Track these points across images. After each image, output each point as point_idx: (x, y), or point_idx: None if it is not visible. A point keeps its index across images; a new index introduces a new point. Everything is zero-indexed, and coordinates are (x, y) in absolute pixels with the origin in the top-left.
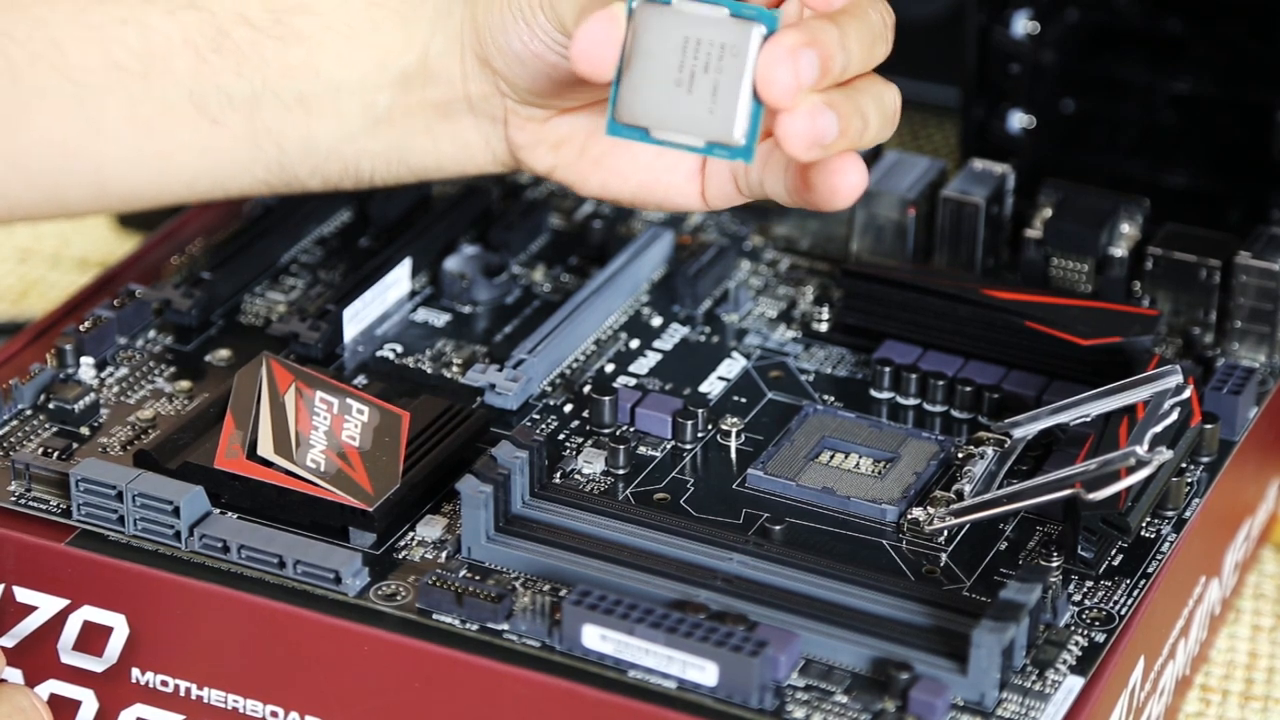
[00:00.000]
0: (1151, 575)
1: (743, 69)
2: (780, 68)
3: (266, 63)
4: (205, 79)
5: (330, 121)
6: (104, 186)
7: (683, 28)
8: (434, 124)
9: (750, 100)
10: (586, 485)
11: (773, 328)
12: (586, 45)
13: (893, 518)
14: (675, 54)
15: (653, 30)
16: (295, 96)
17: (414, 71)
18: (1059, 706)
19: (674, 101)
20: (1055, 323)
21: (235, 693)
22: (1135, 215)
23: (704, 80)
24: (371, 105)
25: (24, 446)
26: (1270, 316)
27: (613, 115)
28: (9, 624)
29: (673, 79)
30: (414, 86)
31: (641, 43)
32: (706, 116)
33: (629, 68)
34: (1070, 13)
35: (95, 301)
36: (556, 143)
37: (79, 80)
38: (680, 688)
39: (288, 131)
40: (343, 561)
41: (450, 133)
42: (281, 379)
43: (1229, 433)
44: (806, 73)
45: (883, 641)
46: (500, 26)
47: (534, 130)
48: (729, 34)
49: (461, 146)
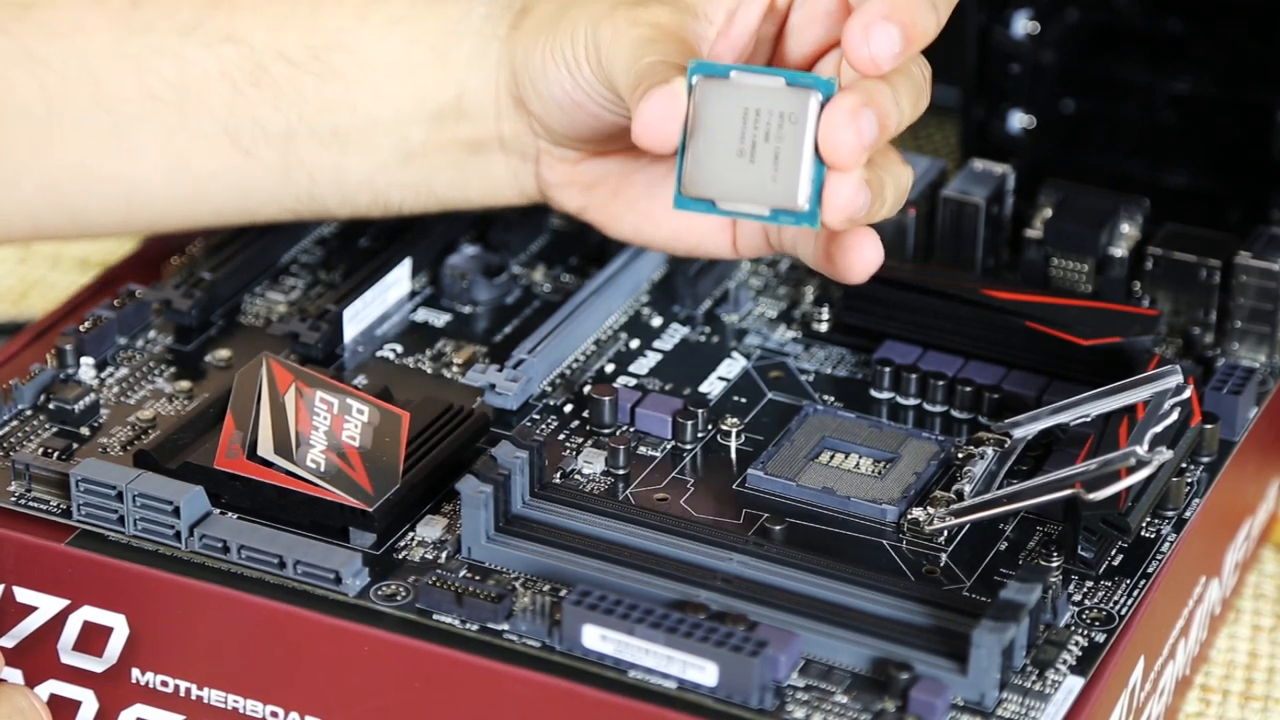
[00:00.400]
0: (1151, 575)
1: (803, 136)
2: (843, 131)
3: (304, 98)
4: (241, 112)
5: (363, 156)
6: (132, 211)
7: (742, 100)
8: (464, 159)
9: (811, 166)
10: (586, 485)
11: (773, 328)
12: (650, 121)
13: (893, 518)
14: (736, 125)
15: (713, 104)
16: (330, 131)
17: (448, 109)
18: (1059, 707)
19: (738, 172)
20: (1055, 323)
21: (235, 693)
22: (1135, 215)
23: (765, 149)
24: (405, 140)
25: (24, 447)
26: (1270, 316)
27: (679, 190)
28: (9, 624)
29: (735, 150)
30: (447, 123)
31: (703, 116)
32: (770, 185)
33: (692, 141)
34: (1070, 13)
35: (95, 302)
36: (589, 184)
37: (113, 109)
38: (680, 688)
39: (320, 164)
40: (343, 562)
41: (480, 168)
42: (281, 379)
43: (1229, 433)
44: (868, 133)
45: (883, 641)
46: (541, 72)
47: (566, 170)
48: (787, 103)
49: (490, 181)
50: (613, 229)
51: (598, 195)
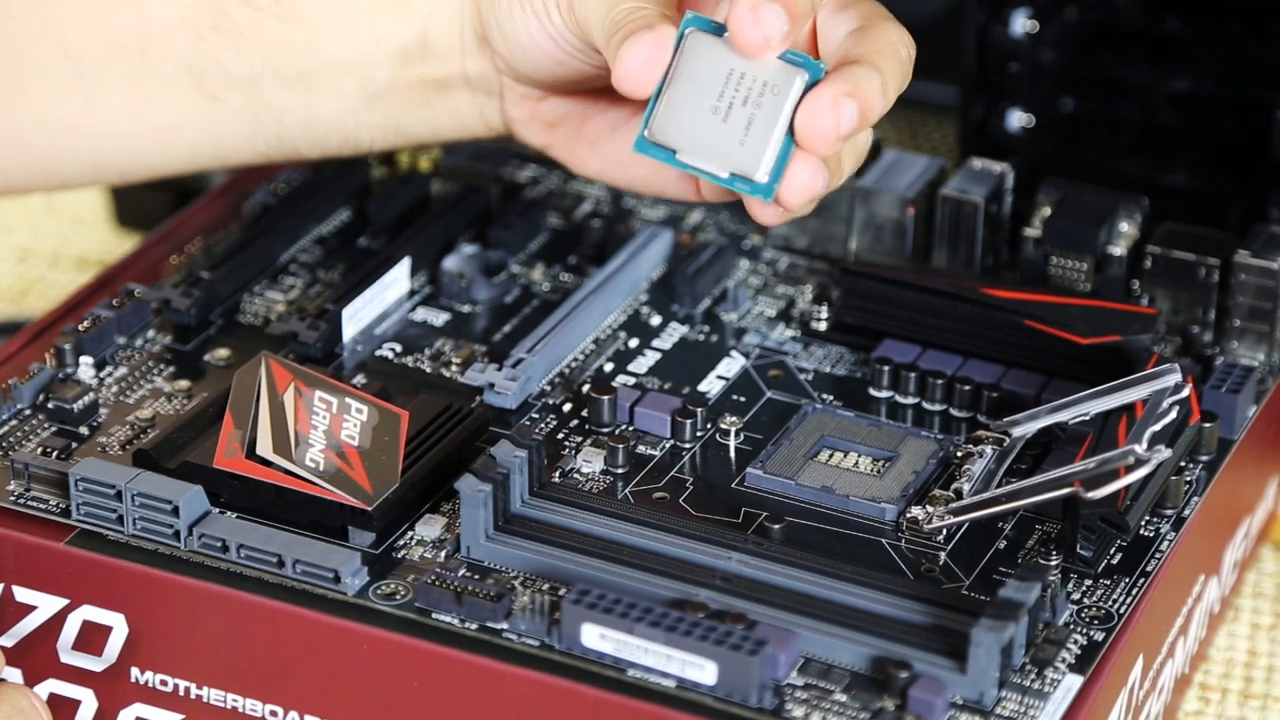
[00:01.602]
0: (1150, 574)
1: (780, 110)
2: (823, 117)
3: (266, 41)
4: (204, 57)
5: (330, 97)
6: (102, 161)
7: (730, 60)
8: (431, 97)
9: (780, 142)
10: (585, 484)
11: (771, 327)
12: (633, 66)
13: (892, 516)
14: (718, 84)
15: (700, 57)
16: (295, 74)
17: (412, 48)
18: (1058, 705)
19: (707, 129)
20: (1054, 321)
21: (235, 692)
22: (1134, 214)
23: (740, 113)
24: (370, 81)
25: (23, 446)
26: (1269, 315)
27: (643, 132)
28: (8, 623)
29: (710, 106)
30: (412, 62)
31: (686, 67)
32: (736, 149)
33: (669, 88)
34: (1069, 11)
35: (94, 301)
36: (552, 123)
37: (78, 58)
38: (680, 687)
39: (287, 107)
40: (342, 561)
41: (447, 105)
42: (280, 378)
43: (1228, 431)
44: (847, 122)
45: (882, 640)
46: (508, 15)
47: (530, 108)
48: (774, 75)
49: (458, 118)
50: (578, 168)
51: (560, 134)
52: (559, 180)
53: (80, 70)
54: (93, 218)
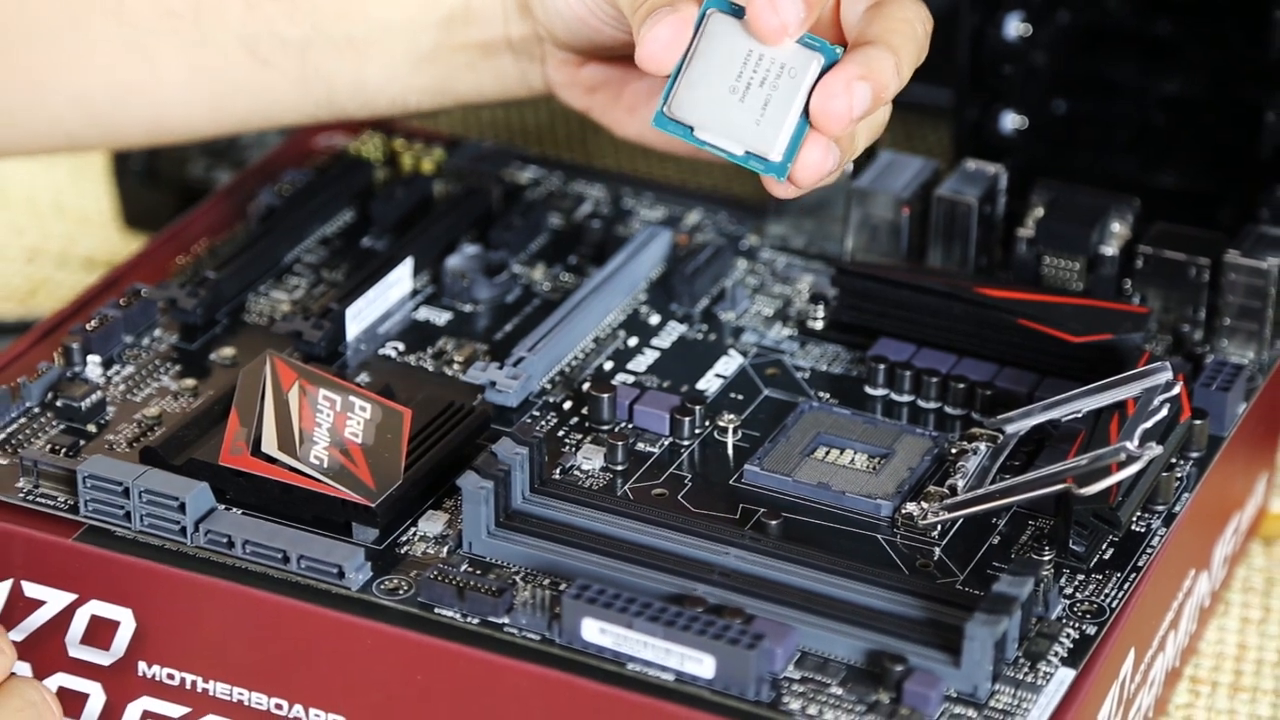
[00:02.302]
0: (1142, 569)
1: (796, 91)
2: (837, 99)
3: (317, 8)
4: (257, 24)
5: (378, 61)
6: (162, 123)
7: (748, 42)
8: (476, 61)
9: (795, 123)
10: (586, 481)
11: (769, 325)
12: (655, 47)
13: (887, 512)
14: (736, 64)
15: (720, 37)
16: (345, 39)
17: (457, 13)
18: (1050, 698)
19: (725, 107)
20: (1047, 320)
21: (240, 685)
22: (1126, 214)
23: (757, 94)
24: (417, 45)
25: (32, 444)
26: (1258, 314)
27: (663, 108)
28: (18, 618)
29: (728, 86)
30: (457, 27)
31: (706, 47)
32: (752, 128)
33: (689, 66)
34: (1062, 14)
35: (102, 300)
36: (591, 86)
37: (135, 26)
38: (678, 680)
39: (338, 71)
40: (346, 556)
41: (491, 69)
42: (285, 377)
43: (1218, 428)
44: (859, 104)
45: (877, 634)
46: None
47: (570, 73)
48: (791, 57)
49: (501, 80)
50: (617, 130)
51: (599, 98)
52: (559, 182)
53: (138, 38)
54: (100, 218)
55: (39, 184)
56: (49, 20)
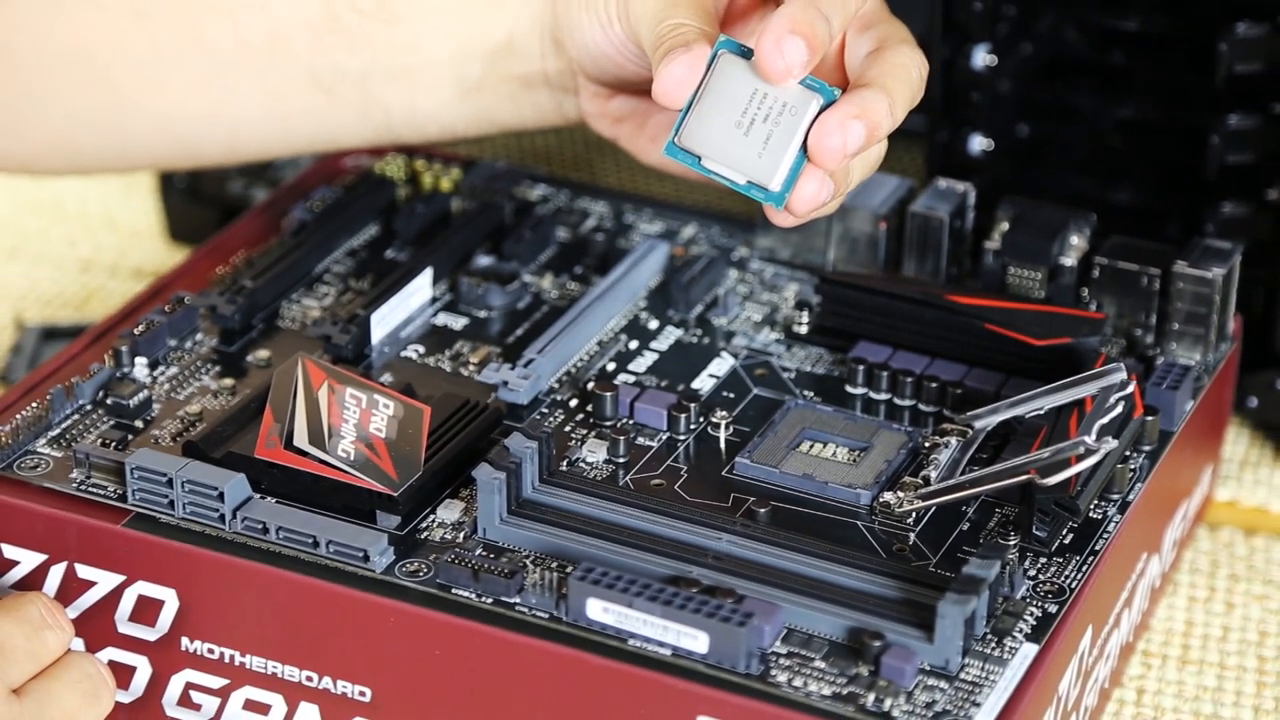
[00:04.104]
0: (1099, 552)
1: (796, 128)
2: (832, 138)
3: (373, 42)
4: (321, 56)
5: (429, 91)
6: (236, 145)
7: (755, 81)
8: (517, 93)
9: (794, 157)
10: (590, 472)
11: (758, 330)
12: (670, 83)
13: (866, 501)
14: (743, 101)
15: (729, 76)
16: (399, 70)
17: (500, 47)
18: (1016, 671)
19: (730, 140)
20: (1012, 325)
21: (274, 659)
22: (1084, 228)
23: (760, 129)
24: (464, 77)
25: (85, 438)
26: (1204, 319)
27: (674, 138)
28: (72, 597)
29: (734, 120)
30: (500, 60)
31: (715, 84)
32: (754, 160)
33: (699, 101)
34: (1025, 46)
35: (149, 307)
36: (619, 117)
37: (213, 56)
38: (675, 655)
39: (393, 101)
40: (370, 541)
41: (530, 100)
42: (315, 377)
43: (1168, 424)
44: (854, 141)
45: (857, 613)
46: (578, 24)
47: (599, 104)
48: (793, 97)
49: (540, 110)
50: (642, 158)
51: (626, 128)
52: (566, 199)
53: (216, 67)
54: (148, 232)
55: (92, 200)
56: (134, 48)
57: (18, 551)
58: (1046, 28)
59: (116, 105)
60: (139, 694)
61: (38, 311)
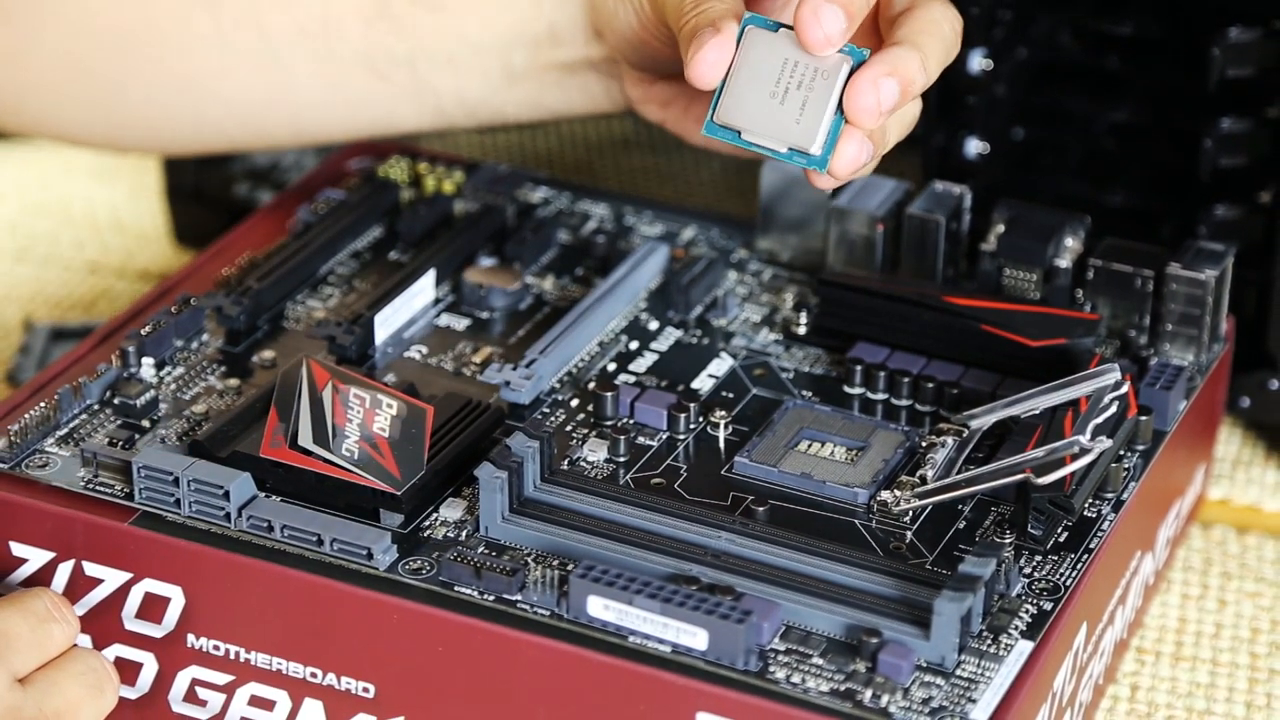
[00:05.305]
0: (1093, 550)
1: (830, 91)
2: (866, 96)
3: (420, 28)
4: (373, 41)
5: (476, 77)
6: (300, 128)
7: (785, 50)
8: (563, 79)
9: (831, 119)
10: (591, 471)
11: (757, 331)
12: (703, 68)
13: (863, 500)
14: (775, 71)
15: (758, 50)
16: (446, 57)
17: (543, 36)
18: (1011, 667)
19: (767, 111)
20: (1007, 326)
21: (279, 656)
22: (1078, 231)
23: (795, 96)
24: (509, 63)
25: (92, 437)
26: (1197, 321)
27: (711, 116)
28: (79, 594)
29: (769, 91)
30: (543, 48)
31: (746, 58)
32: (793, 127)
33: (732, 78)
34: (1020, 51)
35: (155, 308)
36: (664, 102)
37: (273, 41)
38: (674, 651)
39: (442, 86)
40: (374, 539)
41: (578, 86)
42: (320, 377)
43: (1161, 424)
44: (888, 99)
45: (855, 610)
46: (614, 13)
47: (644, 89)
48: (823, 61)
49: (588, 96)
50: (691, 140)
51: (671, 112)
52: (568, 201)
53: (277, 52)
54: (155, 235)
55: (100, 204)
56: (201, 33)
57: (26, 549)
58: (1041, 32)
59: (187, 88)
60: (145, 690)
61: (46, 312)
